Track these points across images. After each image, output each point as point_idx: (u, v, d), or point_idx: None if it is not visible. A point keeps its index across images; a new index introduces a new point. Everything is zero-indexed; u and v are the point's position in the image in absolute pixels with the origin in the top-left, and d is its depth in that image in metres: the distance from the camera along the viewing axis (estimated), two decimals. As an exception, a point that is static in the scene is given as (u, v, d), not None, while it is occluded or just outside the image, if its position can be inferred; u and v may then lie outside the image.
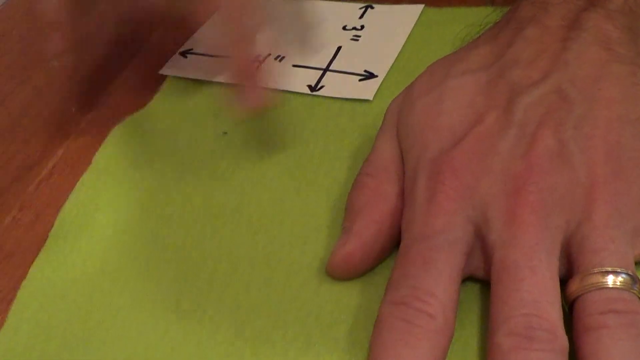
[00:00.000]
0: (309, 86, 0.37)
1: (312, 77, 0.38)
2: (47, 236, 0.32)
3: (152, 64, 0.43)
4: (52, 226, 0.33)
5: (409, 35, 0.40)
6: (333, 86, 0.37)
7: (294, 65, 0.39)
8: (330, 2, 0.44)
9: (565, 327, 0.23)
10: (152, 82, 0.41)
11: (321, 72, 0.38)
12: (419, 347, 0.23)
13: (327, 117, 0.35)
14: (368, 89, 0.36)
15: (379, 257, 0.28)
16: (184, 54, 0.41)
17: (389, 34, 0.40)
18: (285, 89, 0.37)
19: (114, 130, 0.37)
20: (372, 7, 0.43)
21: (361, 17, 0.42)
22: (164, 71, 0.39)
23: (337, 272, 0.28)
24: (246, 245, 0.30)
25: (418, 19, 0.41)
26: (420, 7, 0.42)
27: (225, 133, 0.35)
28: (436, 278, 0.24)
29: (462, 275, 0.25)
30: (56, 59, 0.46)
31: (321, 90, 0.37)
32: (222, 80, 0.37)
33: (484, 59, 0.29)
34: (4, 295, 0.31)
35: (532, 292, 0.23)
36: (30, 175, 0.37)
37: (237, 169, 0.33)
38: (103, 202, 0.33)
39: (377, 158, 0.30)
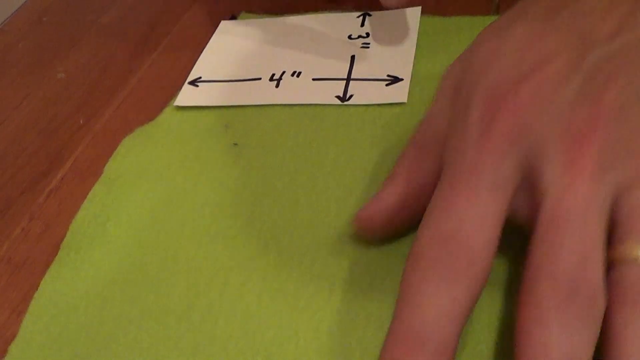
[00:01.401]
0: (338, 97, 0.37)
1: (338, 88, 0.38)
2: (57, 247, 0.32)
3: (160, 75, 0.43)
4: (61, 237, 0.33)
5: (418, 35, 0.40)
6: (362, 94, 0.37)
7: (314, 79, 0.38)
8: (328, 14, 0.44)
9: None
10: (160, 94, 0.41)
11: (344, 82, 0.38)
12: (457, 285, 0.22)
13: (359, 125, 0.35)
14: (399, 92, 0.36)
15: (399, 225, 0.28)
16: (193, 83, 0.40)
17: (397, 38, 0.40)
18: (314, 102, 0.37)
19: (124, 140, 0.37)
20: (369, 15, 0.43)
21: (362, 25, 0.42)
22: (178, 102, 0.39)
23: (358, 232, 0.28)
24: (257, 257, 0.30)
25: (421, 20, 0.41)
26: (418, 9, 0.42)
27: (236, 144, 0.35)
28: (482, 218, 0.23)
29: (505, 218, 0.24)
30: (63, 71, 0.46)
31: (351, 99, 0.37)
32: (236, 104, 0.38)
33: (551, 8, 0.27)
34: (15, 306, 0.31)
35: (582, 246, 0.22)
36: (39, 186, 0.37)
37: (248, 181, 0.33)
38: (114, 213, 0.33)
39: (427, 128, 0.28)
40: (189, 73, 0.42)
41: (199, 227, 0.31)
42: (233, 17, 0.46)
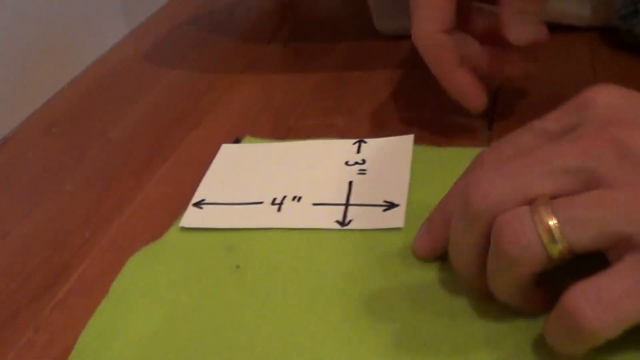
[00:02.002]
0: (338, 221, 0.39)
1: (337, 213, 0.39)
2: (62, 358, 0.34)
3: (165, 192, 0.46)
4: (66, 349, 0.34)
5: (414, 163, 0.42)
6: (361, 219, 0.38)
7: (314, 204, 0.40)
8: (325, 140, 0.47)
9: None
10: (165, 212, 0.43)
11: (343, 207, 0.40)
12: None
13: (357, 251, 0.37)
14: (396, 218, 0.38)
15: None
16: (198, 205, 0.42)
17: (392, 164, 0.42)
18: (315, 226, 0.39)
19: (130, 259, 0.39)
20: (364, 142, 0.45)
21: (358, 152, 0.45)
22: (183, 223, 0.40)
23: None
24: None
25: (417, 150, 0.43)
26: (410, 137, 0.44)
27: (238, 267, 0.37)
28: (540, 176, 0.28)
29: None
30: (70, 183, 0.48)
31: (351, 224, 0.38)
32: (239, 227, 0.40)
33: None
34: (18, 417, 0.32)
35: None
36: (45, 298, 0.38)
37: (249, 304, 0.34)
38: (119, 331, 0.34)
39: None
40: (192, 191, 0.44)
41: (198, 349, 0.32)
42: (237, 141, 0.49)
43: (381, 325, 0.32)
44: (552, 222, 0.27)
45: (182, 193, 0.44)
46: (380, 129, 0.48)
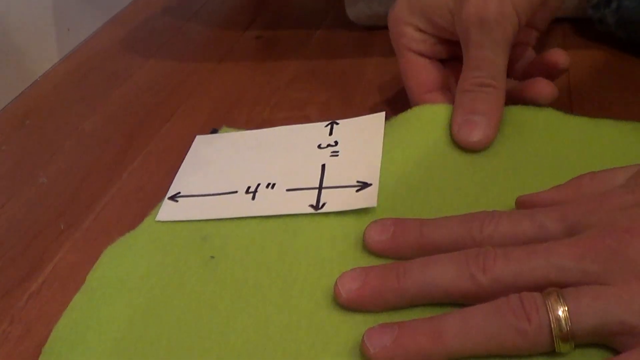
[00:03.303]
0: (312, 205, 0.39)
1: (311, 197, 0.39)
2: (37, 350, 0.34)
3: (139, 184, 0.46)
4: (41, 340, 0.34)
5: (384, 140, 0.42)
6: (334, 201, 0.38)
7: (288, 190, 0.40)
8: (297, 125, 0.47)
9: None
10: (139, 204, 0.43)
11: (317, 190, 0.40)
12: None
13: (332, 236, 0.37)
14: (369, 197, 0.38)
15: None
16: (173, 199, 0.42)
17: (364, 144, 0.42)
18: (289, 212, 0.39)
19: (106, 250, 0.39)
20: (336, 123, 0.46)
21: (330, 133, 0.45)
22: (159, 217, 0.41)
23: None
24: None
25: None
26: (382, 115, 0.44)
27: (213, 257, 0.37)
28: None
29: None
30: (45, 176, 0.48)
31: (324, 207, 0.38)
32: (215, 217, 0.40)
33: None
34: (-7, 409, 0.32)
35: None
36: (20, 290, 0.38)
37: (222, 295, 0.34)
38: (93, 322, 0.34)
39: None
40: (167, 183, 0.44)
41: (173, 340, 0.33)
42: (214, 131, 0.49)
43: (356, 315, 0.32)
44: (562, 309, 0.27)
45: (157, 185, 0.45)
46: (353, 120, 0.48)
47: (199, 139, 0.48)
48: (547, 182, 0.35)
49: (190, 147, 0.47)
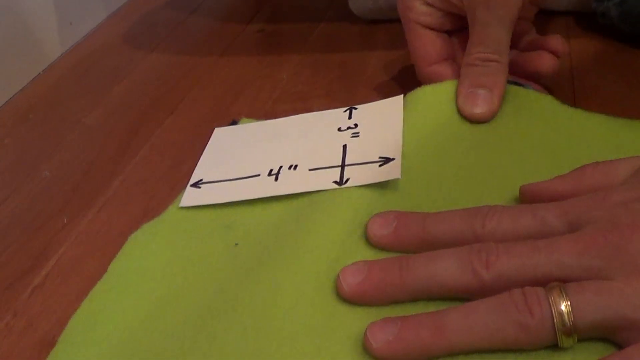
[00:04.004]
0: (335, 182, 0.39)
1: (334, 174, 0.39)
2: (40, 343, 0.34)
3: (142, 178, 0.46)
4: (44, 333, 0.34)
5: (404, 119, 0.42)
6: (358, 176, 0.38)
7: (310, 169, 0.40)
8: (316, 112, 0.47)
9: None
10: (143, 197, 0.43)
11: (340, 168, 0.40)
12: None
13: (354, 214, 0.36)
14: (392, 170, 0.38)
15: None
16: (196, 185, 0.42)
17: (384, 124, 0.43)
18: (313, 189, 0.39)
19: (130, 238, 0.38)
20: (355, 108, 0.46)
21: (350, 117, 0.45)
22: (183, 203, 0.40)
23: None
24: None
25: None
26: (400, 98, 0.44)
27: (237, 244, 0.37)
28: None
29: None
30: (48, 169, 0.48)
31: (348, 182, 0.38)
32: (238, 199, 0.39)
33: None
34: (-3, 401, 0.32)
35: None
36: (23, 283, 0.38)
37: (246, 285, 0.33)
38: (113, 311, 0.34)
39: None
40: (170, 176, 0.44)
41: (191, 330, 0.32)
42: (234, 122, 0.49)
43: (358, 307, 0.31)
44: (565, 304, 0.27)
45: (160, 177, 0.45)
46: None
47: (218, 131, 0.48)
48: (549, 168, 0.36)
49: (191, 140, 0.48)
